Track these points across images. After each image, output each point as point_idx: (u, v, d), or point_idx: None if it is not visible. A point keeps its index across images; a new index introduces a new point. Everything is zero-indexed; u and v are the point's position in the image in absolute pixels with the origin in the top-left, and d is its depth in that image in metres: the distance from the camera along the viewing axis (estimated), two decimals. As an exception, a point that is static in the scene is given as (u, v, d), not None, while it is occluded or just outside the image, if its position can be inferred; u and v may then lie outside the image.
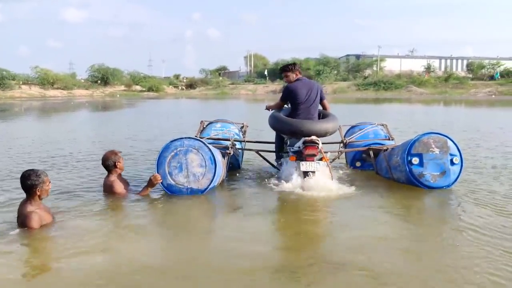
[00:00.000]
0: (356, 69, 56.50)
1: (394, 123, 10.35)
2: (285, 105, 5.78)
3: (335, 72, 54.68)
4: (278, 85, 50.57)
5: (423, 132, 5.15)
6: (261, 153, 6.12)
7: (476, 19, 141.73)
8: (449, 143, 4.96)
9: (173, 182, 4.78)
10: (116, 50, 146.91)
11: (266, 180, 5.41)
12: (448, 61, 66.91)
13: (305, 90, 5.39)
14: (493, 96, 37.40)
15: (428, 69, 54.76)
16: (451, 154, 4.93)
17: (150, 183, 4.77)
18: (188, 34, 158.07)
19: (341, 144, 6.32)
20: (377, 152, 5.84)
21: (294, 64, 5.71)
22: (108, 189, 4.79)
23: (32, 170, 3.64)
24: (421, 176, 4.94)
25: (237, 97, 45.46)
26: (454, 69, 61.32)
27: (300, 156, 5.06)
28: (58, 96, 45.72)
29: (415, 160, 4.95)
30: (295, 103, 5.44)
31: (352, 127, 6.81)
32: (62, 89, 49.13)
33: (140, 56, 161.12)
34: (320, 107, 5.66)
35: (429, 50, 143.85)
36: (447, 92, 40.66)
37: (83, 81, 55.70)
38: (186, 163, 4.78)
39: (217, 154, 5.05)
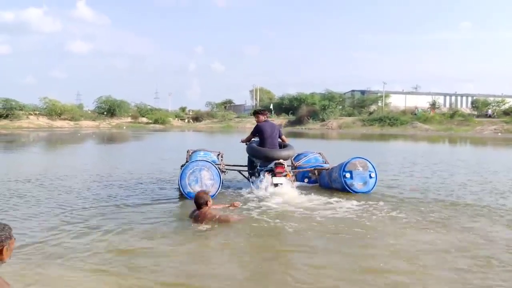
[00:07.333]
0: (361, 104, 59.54)
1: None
2: (254, 138, 8.41)
3: (340, 107, 57.79)
4: (283, 119, 53.48)
5: (352, 157, 7.90)
6: (237, 171, 8.78)
7: (477, 57, 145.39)
8: (368, 164, 7.74)
9: (191, 190, 6.99)
10: (123, 82, 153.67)
11: (246, 189, 7.83)
12: (453, 97, 69.77)
13: (269, 128, 8.12)
14: (499, 134, 38.92)
15: (433, 105, 57.13)
16: (369, 171, 7.69)
17: (232, 205, 6.35)
18: (192, 67, 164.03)
19: (292, 166, 8.79)
20: (319, 172, 8.58)
21: (264, 110, 8.64)
22: (218, 220, 5.57)
23: None
24: (352, 185, 7.64)
25: (242, 130, 47.87)
26: (459, 106, 63.64)
27: (273, 173, 7.72)
28: (65, 127, 48.91)
29: (348, 175, 7.67)
30: (263, 137, 8.07)
31: (298, 154, 9.25)
32: (69, 120, 52.40)
33: (147, 88, 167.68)
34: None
35: (433, 86, 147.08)
36: (452, 129, 42.47)
37: (90, 112, 59.08)
38: (200, 177, 7.19)
39: (220, 172, 7.54)
